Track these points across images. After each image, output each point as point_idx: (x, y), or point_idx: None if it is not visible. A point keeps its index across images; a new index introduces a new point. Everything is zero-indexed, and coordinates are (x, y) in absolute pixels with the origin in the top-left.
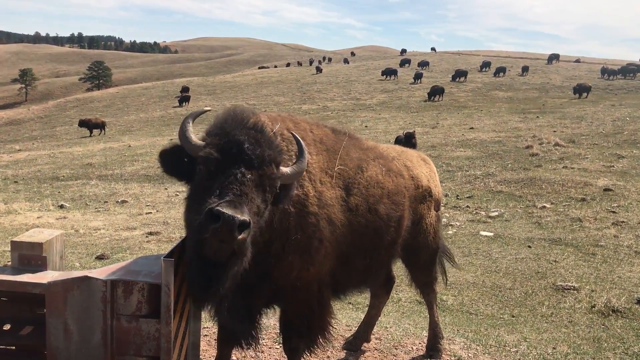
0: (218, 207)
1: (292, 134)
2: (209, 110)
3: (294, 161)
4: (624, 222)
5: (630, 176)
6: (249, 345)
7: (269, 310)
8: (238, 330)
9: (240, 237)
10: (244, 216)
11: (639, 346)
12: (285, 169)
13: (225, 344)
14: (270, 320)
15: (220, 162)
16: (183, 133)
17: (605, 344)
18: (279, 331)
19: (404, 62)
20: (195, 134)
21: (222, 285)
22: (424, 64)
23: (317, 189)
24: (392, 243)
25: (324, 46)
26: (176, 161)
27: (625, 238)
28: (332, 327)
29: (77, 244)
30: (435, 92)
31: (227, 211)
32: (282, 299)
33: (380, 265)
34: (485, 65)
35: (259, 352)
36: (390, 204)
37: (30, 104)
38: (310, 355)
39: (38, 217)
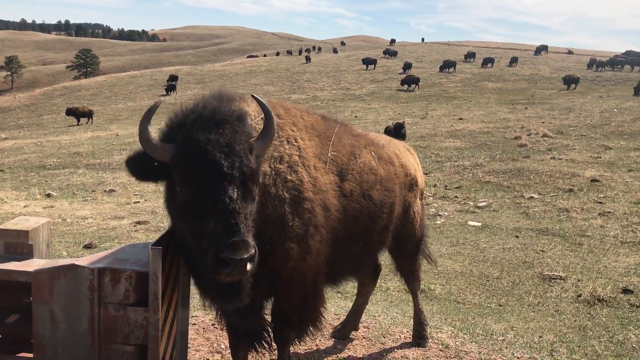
0: (225, 254)
1: (259, 100)
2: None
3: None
4: (610, 212)
5: (617, 167)
6: (263, 347)
7: (269, 302)
8: (244, 326)
9: (251, 267)
10: (250, 251)
11: (624, 334)
12: (257, 143)
13: (238, 349)
14: None
15: (200, 179)
16: (143, 135)
17: (591, 333)
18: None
19: (385, 52)
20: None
21: (243, 292)
22: (392, 53)
23: (312, 175)
24: (384, 229)
25: (314, 35)
26: (145, 166)
27: (611, 228)
28: (323, 317)
29: (64, 233)
30: (410, 81)
31: (236, 256)
32: (276, 291)
33: (373, 251)
34: (470, 55)
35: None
36: (383, 190)
37: (16, 92)
38: (299, 343)
39: (25, 206)
